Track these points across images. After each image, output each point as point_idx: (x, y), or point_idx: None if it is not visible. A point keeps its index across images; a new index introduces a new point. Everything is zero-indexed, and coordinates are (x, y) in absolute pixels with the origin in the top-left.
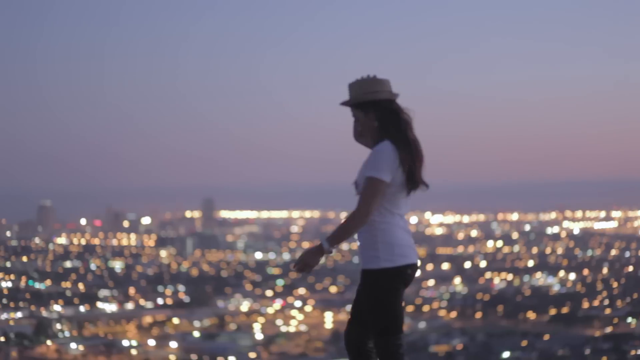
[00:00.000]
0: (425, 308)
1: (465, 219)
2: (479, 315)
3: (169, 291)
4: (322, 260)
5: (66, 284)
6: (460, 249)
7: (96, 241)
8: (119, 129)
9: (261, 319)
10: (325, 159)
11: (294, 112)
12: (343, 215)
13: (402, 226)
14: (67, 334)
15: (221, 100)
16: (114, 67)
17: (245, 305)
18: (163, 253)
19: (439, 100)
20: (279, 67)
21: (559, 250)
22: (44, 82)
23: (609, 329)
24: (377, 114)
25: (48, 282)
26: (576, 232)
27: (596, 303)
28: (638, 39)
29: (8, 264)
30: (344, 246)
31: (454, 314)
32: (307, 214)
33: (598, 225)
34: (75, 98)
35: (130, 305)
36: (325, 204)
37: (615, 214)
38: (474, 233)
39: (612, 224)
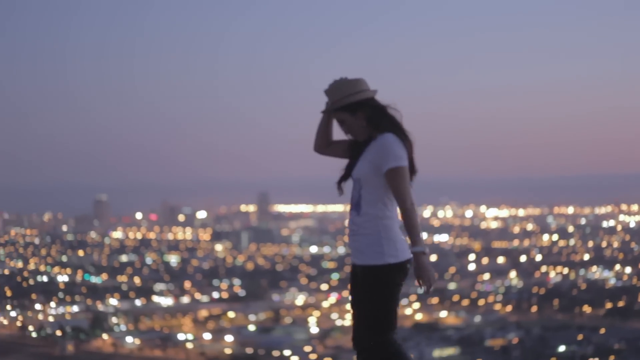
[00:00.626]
0: (481, 302)
1: (521, 212)
2: (534, 309)
3: (224, 285)
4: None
5: (122, 278)
6: (515, 243)
7: (152, 235)
8: (174, 126)
9: (316, 313)
10: None
11: None
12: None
13: (398, 220)
14: (123, 327)
15: (274, 95)
16: (167, 64)
17: (300, 299)
18: (218, 247)
19: (494, 95)
20: (327, 61)
21: (615, 244)
22: (94, 80)
23: None
24: (366, 113)
25: (104, 276)
26: (632, 225)
27: None
28: None
29: (64, 258)
30: None
31: (509, 308)
32: None
33: None
34: (131, 95)
35: (185, 299)
36: None
37: None
38: (529, 227)
39: None
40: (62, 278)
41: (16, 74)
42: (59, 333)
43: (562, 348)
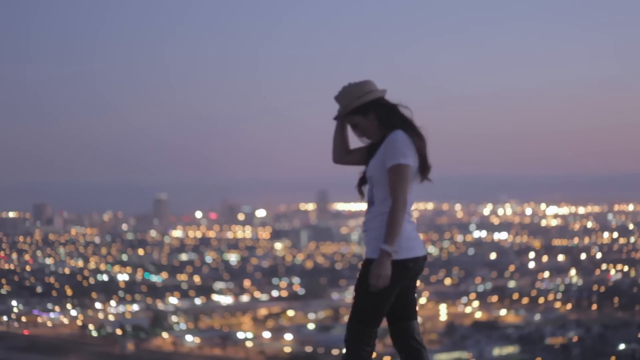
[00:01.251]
0: (541, 300)
1: (581, 210)
2: (594, 307)
3: (283, 283)
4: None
5: (182, 277)
6: (575, 241)
7: (211, 234)
8: (234, 123)
9: None
10: (438, 150)
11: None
12: (457, 207)
13: (409, 219)
14: (182, 326)
15: (326, 93)
16: (219, 64)
17: None
18: (278, 245)
19: (554, 93)
20: (380, 57)
21: None
22: (151, 78)
23: None
24: (377, 113)
25: (164, 274)
26: None
27: None
28: None
29: (125, 257)
30: (458, 237)
31: (569, 306)
32: (421, 205)
33: None
34: (188, 92)
35: (245, 298)
36: (439, 195)
37: None
38: (589, 224)
39: None
40: (123, 277)
41: (84, 73)
42: (119, 332)
43: (622, 346)
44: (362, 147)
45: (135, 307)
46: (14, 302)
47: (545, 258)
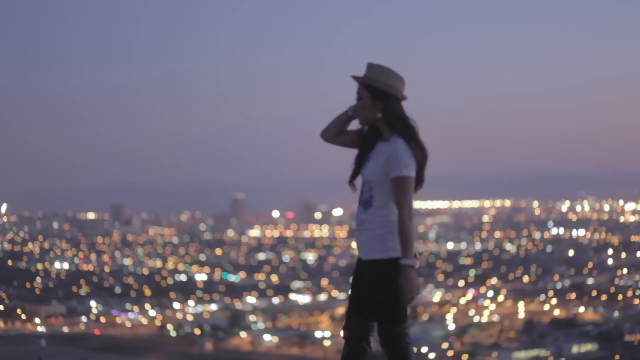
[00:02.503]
0: (619, 297)
1: None
2: None
3: None
4: None
5: (259, 276)
6: None
7: (289, 233)
8: (308, 123)
9: (453, 309)
10: (516, 148)
11: (479, 101)
12: (535, 205)
13: None
14: (260, 325)
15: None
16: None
17: (437, 296)
18: (355, 244)
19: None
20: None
21: None
22: (225, 79)
23: None
24: (383, 107)
25: (242, 274)
26: None
27: None
28: None
29: (202, 257)
30: (536, 235)
31: None
32: (499, 203)
33: None
34: (259, 93)
35: (322, 297)
36: (517, 193)
37: None
38: None
39: None
40: (201, 277)
41: (149, 74)
42: (197, 331)
43: None
44: (353, 131)
45: (213, 306)
46: (93, 303)
47: (623, 254)
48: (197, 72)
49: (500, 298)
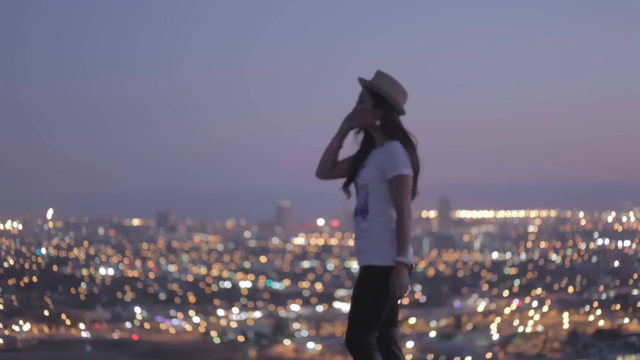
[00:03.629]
0: None
1: None
2: None
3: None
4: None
5: (304, 284)
6: None
7: (333, 241)
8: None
9: (497, 319)
10: (562, 158)
11: (526, 110)
12: (580, 215)
13: None
14: (304, 333)
15: (456, 96)
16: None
17: (481, 305)
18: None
19: None
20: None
21: None
22: (258, 89)
23: None
24: (383, 115)
25: (286, 282)
26: None
27: None
28: None
29: (247, 264)
30: (581, 245)
31: None
32: (544, 213)
33: None
34: (295, 103)
35: None
36: (562, 203)
37: None
38: None
39: None
40: (245, 284)
41: (212, 80)
42: (241, 339)
43: None
44: (346, 159)
45: (257, 314)
46: (137, 309)
47: None
48: (229, 83)
49: (545, 308)
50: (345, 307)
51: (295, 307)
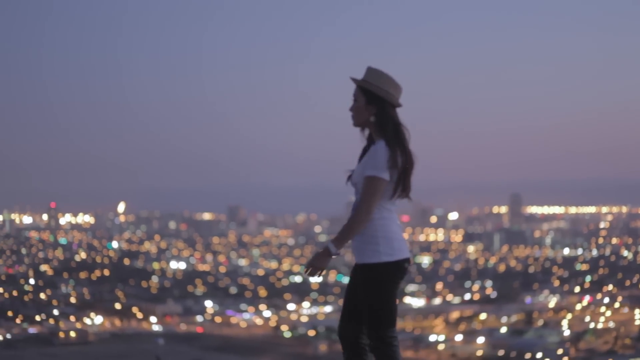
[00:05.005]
0: None
1: None
2: None
3: (476, 287)
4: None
5: None
6: None
7: (404, 236)
8: (422, 123)
9: (569, 315)
10: (631, 154)
11: (598, 104)
12: None
13: (396, 222)
14: None
15: (525, 93)
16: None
17: (552, 302)
18: (470, 248)
19: None
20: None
21: None
22: (317, 85)
23: None
24: (377, 111)
25: None
26: None
27: None
28: None
29: None
30: None
31: None
32: (616, 209)
33: None
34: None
35: (437, 300)
36: (634, 199)
37: None
38: None
39: None
40: (316, 278)
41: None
42: (311, 333)
43: None
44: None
45: (327, 308)
46: (208, 303)
47: None
48: (287, 80)
49: (617, 305)
50: (415, 301)
51: None
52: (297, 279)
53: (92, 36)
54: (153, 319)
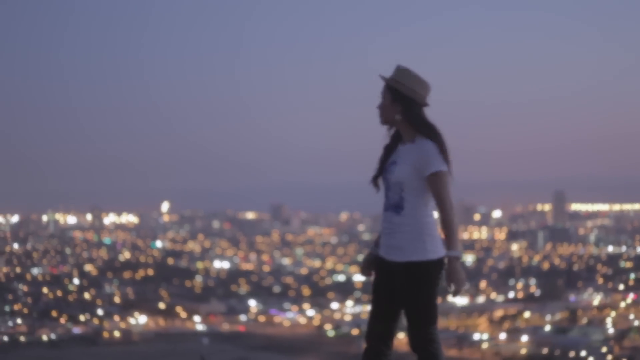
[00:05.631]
0: None
1: None
2: None
3: (520, 285)
4: None
5: None
6: None
7: None
8: (470, 124)
9: (613, 313)
10: None
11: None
12: None
13: (436, 220)
14: None
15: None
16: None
17: (597, 299)
18: (514, 246)
19: None
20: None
21: None
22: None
23: None
24: (402, 109)
25: None
26: None
27: None
28: None
29: (361, 257)
30: None
31: None
32: None
33: None
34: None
35: (481, 299)
36: None
37: None
38: None
39: None
40: (359, 277)
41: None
42: (355, 332)
43: None
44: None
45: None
46: (252, 302)
47: None
48: (334, 74)
49: None
50: (459, 300)
51: None
52: (341, 277)
53: (129, 38)
54: (197, 318)
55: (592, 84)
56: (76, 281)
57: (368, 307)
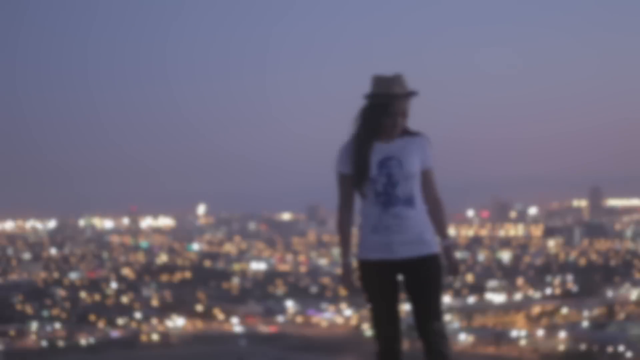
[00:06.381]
0: None
1: None
2: None
3: (557, 281)
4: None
5: None
6: None
7: (483, 232)
8: (504, 118)
9: None
10: None
11: None
12: None
13: None
14: (456, 325)
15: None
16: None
17: (634, 294)
18: (550, 243)
19: None
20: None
21: None
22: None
23: None
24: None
25: None
26: None
27: None
28: None
29: None
30: None
31: None
32: None
33: None
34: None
35: (518, 296)
36: None
37: None
38: None
39: None
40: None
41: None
42: None
43: None
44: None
45: (408, 306)
46: (289, 303)
47: None
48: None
49: None
50: (496, 297)
51: (446, 299)
52: None
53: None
54: (234, 320)
55: (629, 80)
56: (114, 285)
57: (405, 306)
